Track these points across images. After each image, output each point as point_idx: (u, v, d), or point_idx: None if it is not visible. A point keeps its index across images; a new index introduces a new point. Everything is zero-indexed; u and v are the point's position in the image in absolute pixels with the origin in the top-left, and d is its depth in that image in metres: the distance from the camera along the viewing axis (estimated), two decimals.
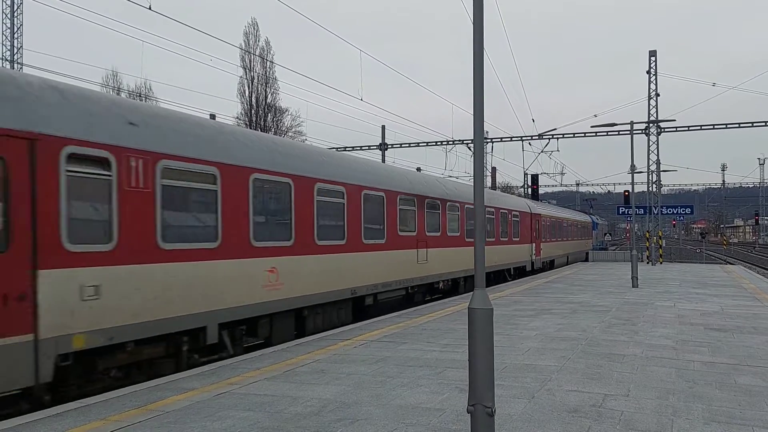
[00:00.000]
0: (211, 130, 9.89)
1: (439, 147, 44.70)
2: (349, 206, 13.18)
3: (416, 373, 8.05)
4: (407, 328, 11.84)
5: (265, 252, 10.46)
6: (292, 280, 11.10)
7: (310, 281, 11.65)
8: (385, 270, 14.59)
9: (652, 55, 38.05)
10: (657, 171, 38.99)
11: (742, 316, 13.41)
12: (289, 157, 11.45)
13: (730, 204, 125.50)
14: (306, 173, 11.74)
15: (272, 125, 49.90)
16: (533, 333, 11.19)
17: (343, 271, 12.78)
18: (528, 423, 5.95)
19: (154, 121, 8.70)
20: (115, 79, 48.64)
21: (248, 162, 10.20)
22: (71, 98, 7.60)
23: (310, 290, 11.66)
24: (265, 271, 10.42)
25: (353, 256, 13.24)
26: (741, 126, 38.16)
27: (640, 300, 16.80)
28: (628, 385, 7.36)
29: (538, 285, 22.01)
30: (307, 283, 11.56)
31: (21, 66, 34.50)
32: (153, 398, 6.93)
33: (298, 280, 11.26)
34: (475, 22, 5.24)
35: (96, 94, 8.80)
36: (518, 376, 7.84)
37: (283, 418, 6.17)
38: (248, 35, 48.14)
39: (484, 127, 5.30)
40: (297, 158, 11.74)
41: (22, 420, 6.18)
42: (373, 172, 14.83)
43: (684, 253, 48.78)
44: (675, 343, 10.11)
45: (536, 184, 47.86)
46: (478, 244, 5.17)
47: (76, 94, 7.77)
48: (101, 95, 9.29)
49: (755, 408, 6.44)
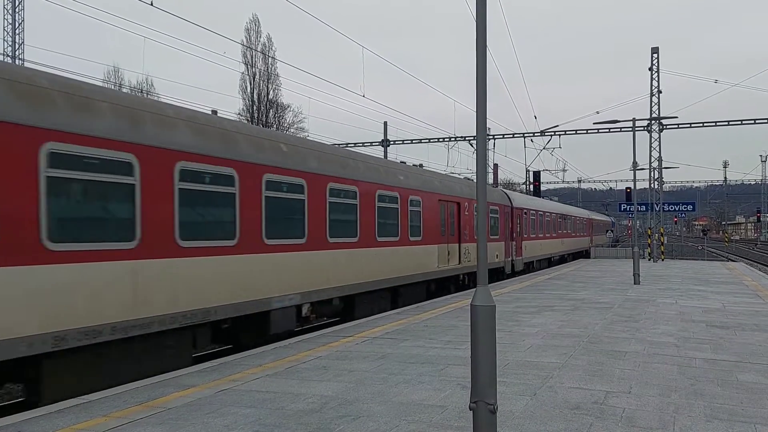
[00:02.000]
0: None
1: (441, 143, 44.73)
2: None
3: (418, 370, 8.05)
4: (409, 325, 11.84)
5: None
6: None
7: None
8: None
9: (654, 52, 38.00)
10: (659, 168, 38.98)
11: (744, 313, 13.40)
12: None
13: (732, 201, 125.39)
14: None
15: (274, 121, 49.90)
16: (535, 330, 11.18)
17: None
18: (530, 420, 5.95)
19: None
20: (117, 75, 48.69)
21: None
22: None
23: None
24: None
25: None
26: (743, 123, 38.14)
27: (642, 297, 16.79)
28: (630, 382, 7.36)
29: (540, 282, 22.00)
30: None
31: (22, 62, 34.49)
32: (155, 395, 6.94)
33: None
34: (478, 19, 5.23)
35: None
36: (520, 373, 7.84)
37: (284, 414, 6.17)
38: (250, 31, 48.14)
39: (486, 124, 5.29)
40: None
41: (23, 416, 6.18)
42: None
43: (686, 250, 48.77)
44: (677, 341, 10.10)
45: (538, 181, 47.81)
46: (480, 241, 5.17)
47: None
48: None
49: (757, 405, 6.43)
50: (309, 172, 11.86)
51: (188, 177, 8.99)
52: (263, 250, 10.48)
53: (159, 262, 8.44)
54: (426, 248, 17.15)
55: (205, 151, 9.30)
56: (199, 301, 9.05)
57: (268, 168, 10.67)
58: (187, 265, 8.88)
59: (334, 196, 12.72)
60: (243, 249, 10.00)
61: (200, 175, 9.23)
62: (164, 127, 8.73)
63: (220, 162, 9.56)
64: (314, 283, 11.87)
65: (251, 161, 10.27)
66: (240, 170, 9.96)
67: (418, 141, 45.33)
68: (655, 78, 37.66)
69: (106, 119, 7.84)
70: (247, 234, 10.11)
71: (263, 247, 10.49)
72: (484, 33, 5.21)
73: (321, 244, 12.17)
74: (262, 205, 10.50)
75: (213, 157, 9.43)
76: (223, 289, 9.48)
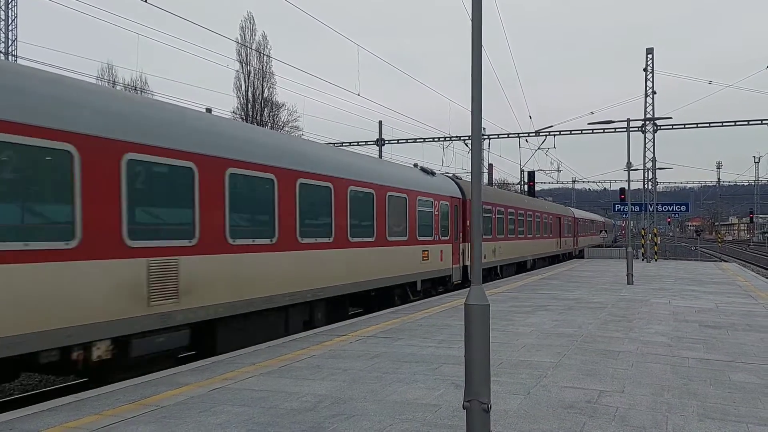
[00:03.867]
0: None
1: (436, 143, 44.72)
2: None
3: (412, 369, 8.05)
4: (403, 324, 11.84)
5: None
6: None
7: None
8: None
9: (649, 52, 38.10)
10: (653, 168, 39.11)
11: (737, 313, 13.45)
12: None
13: (725, 202, 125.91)
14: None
15: (269, 120, 49.79)
16: (529, 329, 11.20)
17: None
18: (524, 419, 5.96)
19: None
20: (110, 72, 48.48)
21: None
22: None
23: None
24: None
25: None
26: (737, 124, 38.31)
27: (636, 297, 16.84)
28: (623, 382, 7.38)
29: (534, 281, 22.04)
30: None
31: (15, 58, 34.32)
32: (148, 393, 6.91)
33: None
34: (473, 18, 5.22)
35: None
36: (514, 372, 7.85)
37: (278, 413, 6.16)
38: (244, 29, 48.00)
39: (482, 124, 5.29)
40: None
41: (16, 414, 6.15)
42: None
43: (679, 250, 48.89)
44: (670, 340, 10.13)
45: (533, 181, 47.90)
46: (475, 240, 5.17)
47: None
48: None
49: (749, 405, 6.45)
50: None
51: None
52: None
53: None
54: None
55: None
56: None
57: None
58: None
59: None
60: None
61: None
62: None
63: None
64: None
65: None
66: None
67: (413, 140, 45.34)
68: (650, 79, 37.79)
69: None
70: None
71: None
72: (479, 32, 5.20)
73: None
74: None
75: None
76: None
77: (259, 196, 10.70)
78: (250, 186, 10.45)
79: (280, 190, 11.10)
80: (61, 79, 7.98)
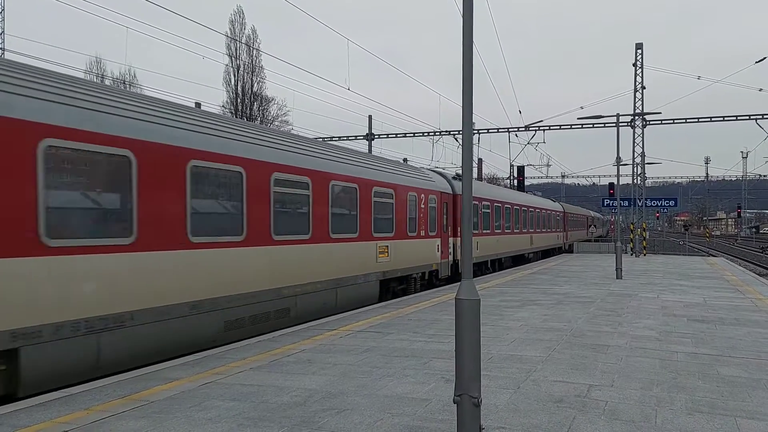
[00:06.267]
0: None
1: (426, 138, 44.73)
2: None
3: (402, 364, 8.06)
4: (393, 319, 11.85)
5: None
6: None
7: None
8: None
9: (638, 47, 38.26)
10: (642, 163, 39.29)
11: (725, 307, 13.56)
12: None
13: (713, 197, 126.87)
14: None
15: (258, 114, 49.60)
16: (519, 324, 11.24)
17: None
18: (514, 413, 5.98)
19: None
20: (99, 66, 48.11)
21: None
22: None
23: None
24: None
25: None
26: (725, 119, 38.50)
27: (625, 291, 16.93)
28: (612, 376, 7.42)
29: (524, 276, 22.12)
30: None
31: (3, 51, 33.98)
32: (137, 388, 6.88)
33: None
34: (464, 13, 5.21)
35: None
36: (504, 367, 7.88)
37: (268, 408, 6.15)
38: (234, 23, 47.77)
39: (472, 118, 5.28)
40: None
41: (5, 409, 6.11)
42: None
43: (667, 245, 49.19)
44: (659, 334, 10.20)
45: (522, 176, 48.04)
46: (465, 235, 5.17)
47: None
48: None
49: (737, 398, 6.51)
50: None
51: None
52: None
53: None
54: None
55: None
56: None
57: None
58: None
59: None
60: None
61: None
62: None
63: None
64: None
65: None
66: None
67: (403, 135, 45.34)
68: (639, 74, 37.93)
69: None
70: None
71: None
72: (470, 27, 5.19)
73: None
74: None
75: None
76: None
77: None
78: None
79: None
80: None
